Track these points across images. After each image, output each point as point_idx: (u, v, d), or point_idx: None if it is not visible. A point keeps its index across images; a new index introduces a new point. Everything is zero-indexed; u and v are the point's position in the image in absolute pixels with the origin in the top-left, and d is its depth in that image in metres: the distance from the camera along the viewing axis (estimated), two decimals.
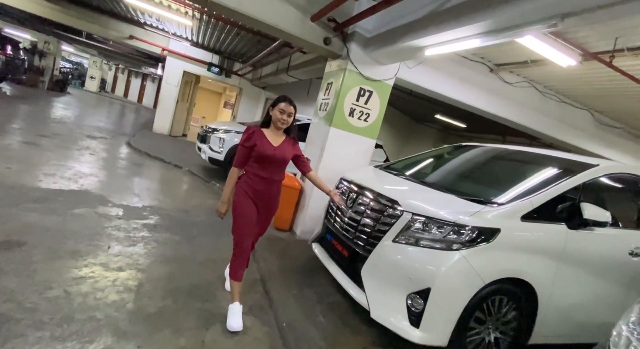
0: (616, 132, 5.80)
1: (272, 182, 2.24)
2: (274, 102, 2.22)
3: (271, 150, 2.16)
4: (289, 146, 2.27)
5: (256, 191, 2.19)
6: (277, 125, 2.21)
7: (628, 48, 3.14)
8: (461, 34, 2.57)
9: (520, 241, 2.29)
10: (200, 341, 2.00)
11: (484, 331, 2.30)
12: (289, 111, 2.19)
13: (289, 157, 2.25)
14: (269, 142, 2.17)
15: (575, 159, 2.82)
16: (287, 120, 2.20)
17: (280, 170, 2.27)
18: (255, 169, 2.19)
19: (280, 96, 2.22)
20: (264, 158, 2.15)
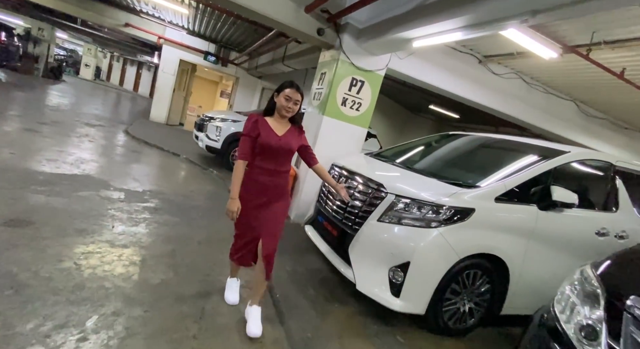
0: (600, 122, 6.01)
1: (277, 174, 2.04)
2: (279, 87, 1.99)
3: (276, 140, 1.95)
4: (295, 135, 2.07)
5: (261, 184, 2.01)
6: (281, 113, 1.98)
7: (605, 41, 3.31)
8: (445, 27, 2.73)
9: (494, 220, 2.50)
10: (200, 308, 2.20)
11: (459, 302, 2.53)
12: (296, 98, 1.96)
13: (295, 148, 2.06)
14: (273, 132, 1.97)
15: (549, 146, 3.02)
16: (293, 108, 1.97)
17: (286, 161, 2.07)
18: (259, 161, 1.99)
19: (285, 81, 2.01)
20: (268, 149, 1.95)
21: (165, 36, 9.93)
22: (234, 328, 2.09)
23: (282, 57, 7.34)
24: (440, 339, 2.48)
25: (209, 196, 4.81)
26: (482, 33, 2.59)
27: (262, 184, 2.01)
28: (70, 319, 1.81)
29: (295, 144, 2.07)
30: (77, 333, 1.74)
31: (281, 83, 2.01)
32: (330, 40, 4.19)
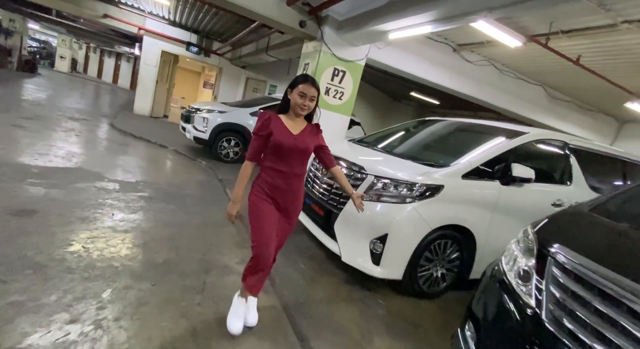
0: (567, 105, 6.44)
1: (293, 177, 1.86)
2: (292, 83, 1.83)
3: (291, 139, 1.79)
4: (311, 134, 1.90)
5: (274, 187, 1.84)
6: (296, 111, 1.81)
7: (562, 31, 3.62)
8: (416, 21, 2.98)
9: (461, 195, 2.82)
10: (202, 282, 2.46)
11: (432, 268, 2.87)
12: (311, 94, 1.78)
13: (311, 148, 1.89)
14: (287, 130, 1.80)
15: (512, 128, 3.35)
16: (309, 105, 1.80)
17: (302, 163, 1.89)
18: (273, 163, 1.82)
19: (299, 75, 1.85)
20: (283, 149, 1.78)
21: (146, 27, 9.81)
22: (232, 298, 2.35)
23: (266, 47, 7.44)
24: (416, 301, 2.82)
25: (200, 185, 5.00)
26: (449, 26, 2.85)
27: (276, 188, 1.84)
28: (87, 293, 2.04)
29: (312, 144, 1.89)
30: (96, 303, 1.97)
31: (294, 78, 1.83)
32: (312, 32, 4.38)
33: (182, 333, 1.89)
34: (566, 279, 1.37)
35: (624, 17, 3.14)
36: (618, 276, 1.22)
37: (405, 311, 2.64)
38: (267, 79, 12.00)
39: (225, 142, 6.65)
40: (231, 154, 6.75)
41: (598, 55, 4.13)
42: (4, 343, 1.57)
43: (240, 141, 6.75)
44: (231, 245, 3.18)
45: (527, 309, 1.44)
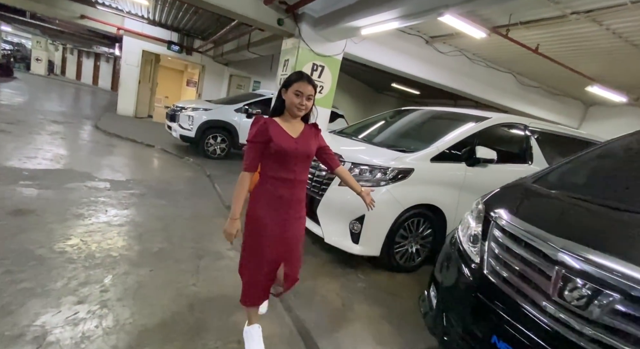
0: (536, 90, 6.80)
1: (297, 184, 1.70)
2: (286, 82, 1.66)
3: (291, 143, 1.63)
4: (312, 135, 1.75)
5: (278, 198, 1.67)
6: (293, 112, 1.65)
7: (521, 22, 3.91)
8: (384, 18, 3.21)
9: (430, 177, 3.09)
10: (196, 266, 2.67)
11: (407, 244, 3.14)
12: (308, 92, 1.62)
13: (314, 151, 1.76)
14: (287, 134, 1.65)
15: (477, 114, 3.63)
16: (306, 104, 1.64)
17: (305, 168, 1.75)
18: (274, 171, 1.65)
19: (293, 73, 1.65)
20: (285, 155, 1.63)
21: (125, 27, 9.76)
22: (225, 277, 2.58)
23: (247, 44, 7.56)
24: (393, 275, 3.10)
25: (189, 181, 5.17)
26: (414, 22, 3.10)
27: (281, 199, 1.67)
28: (90, 279, 2.23)
29: (314, 146, 1.75)
30: (99, 286, 2.17)
31: (288, 76, 1.67)
32: (290, 29, 4.56)
33: (181, 308, 2.11)
34: (503, 237, 1.64)
35: (572, 9, 3.44)
36: (539, 231, 1.50)
37: (383, 283, 2.91)
38: (250, 75, 12.08)
39: (211, 139, 6.79)
40: (218, 151, 6.91)
41: (555, 44, 4.45)
42: (20, 322, 1.76)
43: (227, 137, 6.90)
44: (221, 234, 3.39)
45: (472, 265, 1.71)
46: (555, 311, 1.28)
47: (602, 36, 3.91)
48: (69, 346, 1.66)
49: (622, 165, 2.05)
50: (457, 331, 1.68)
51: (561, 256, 1.34)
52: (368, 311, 2.44)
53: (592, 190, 1.88)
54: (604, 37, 3.92)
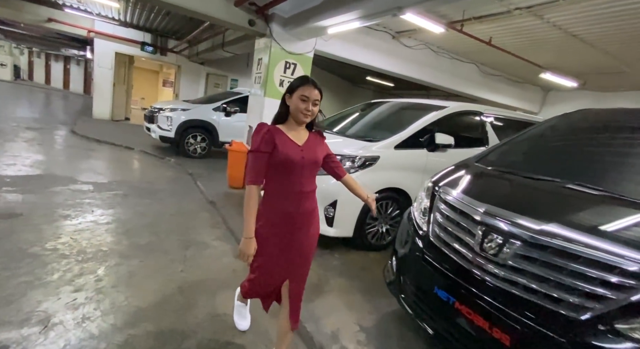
0: (498, 79, 7.25)
1: (304, 196, 1.61)
2: (290, 87, 1.56)
3: (297, 152, 1.53)
4: (317, 143, 1.66)
5: (285, 214, 1.58)
6: (298, 118, 1.55)
7: (474, 17, 4.25)
8: (346, 18, 3.47)
9: (395, 163, 3.40)
10: (183, 255, 2.89)
11: (377, 225, 3.46)
12: (314, 97, 1.53)
13: (320, 159, 1.66)
14: (293, 143, 1.55)
15: (437, 104, 3.96)
16: (312, 110, 1.54)
17: (312, 178, 1.66)
18: (279, 183, 1.57)
19: (297, 78, 1.59)
20: (291, 165, 1.52)
21: (96, 29, 9.63)
22: (211, 264, 2.81)
23: (222, 43, 7.67)
24: (366, 253, 3.40)
25: (172, 180, 5.32)
26: (373, 21, 3.38)
27: (288, 214, 1.58)
28: (83, 271, 2.42)
29: (321, 154, 1.66)
30: (93, 277, 2.36)
31: (293, 81, 1.59)
32: (262, 29, 4.75)
33: (171, 291, 2.34)
34: (444, 207, 1.95)
35: (515, 5, 3.80)
36: (469, 199, 1.81)
37: (356, 261, 3.21)
38: (227, 74, 12.12)
39: (191, 138, 6.91)
40: (199, 150, 7.03)
41: (506, 36, 4.84)
42: (24, 309, 1.95)
43: (207, 136, 7.03)
44: (206, 227, 3.61)
45: (421, 232, 2.02)
46: (478, 260, 1.59)
47: (545, 28, 4.31)
48: (72, 326, 1.87)
49: (546, 143, 2.41)
50: (411, 288, 1.99)
51: (482, 216, 1.65)
52: (342, 284, 2.73)
53: (518, 164, 2.23)
54: (546, 29, 4.31)
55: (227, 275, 2.69)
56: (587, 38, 4.40)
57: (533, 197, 1.78)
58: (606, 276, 1.25)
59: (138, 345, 1.81)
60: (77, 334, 1.81)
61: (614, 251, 1.26)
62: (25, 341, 1.71)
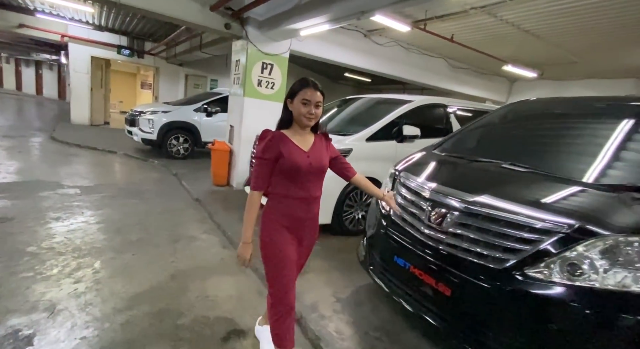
0: (465, 72, 7.67)
1: (312, 201, 1.62)
2: (292, 90, 1.55)
3: (304, 158, 1.53)
4: (323, 146, 1.65)
5: (293, 218, 1.58)
6: (302, 122, 1.53)
7: (436, 16, 4.58)
8: (316, 22, 3.73)
9: (367, 154, 3.70)
10: (173, 248, 3.10)
11: (354, 212, 3.75)
12: (317, 100, 1.52)
13: (327, 164, 1.65)
14: (299, 149, 1.54)
15: (404, 98, 4.28)
16: (316, 113, 1.53)
17: (319, 183, 1.65)
18: (287, 189, 1.55)
19: (299, 80, 1.55)
20: (297, 171, 1.52)
21: (69, 34, 9.52)
22: (200, 254, 3.04)
23: (199, 45, 7.78)
24: (345, 238, 3.70)
25: (157, 181, 5.47)
26: (341, 24, 3.64)
27: (298, 220, 1.59)
28: (81, 265, 2.62)
29: (327, 158, 1.65)
30: (90, 270, 2.56)
31: (293, 84, 1.57)
32: (238, 32, 4.95)
33: (164, 278, 2.57)
34: (402, 188, 2.26)
35: (470, 5, 4.15)
36: (422, 180, 2.12)
37: (335, 245, 3.50)
38: (207, 74, 12.17)
39: (174, 140, 7.04)
40: (182, 151, 7.16)
41: (467, 33, 5.20)
42: (30, 299, 2.14)
43: (189, 137, 7.17)
44: (194, 222, 3.83)
45: (384, 211, 2.32)
46: (426, 231, 1.90)
47: (499, 25, 4.68)
48: (76, 310, 2.08)
49: (490, 130, 2.75)
50: (377, 260, 2.29)
51: (430, 194, 1.96)
52: (321, 265, 3.02)
53: (466, 150, 2.56)
54: (501, 26, 4.69)
55: (216, 263, 2.93)
56: (538, 33, 4.81)
57: (473, 176, 2.10)
58: (520, 234, 1.57)
59: (138, 323, 2.04)
60: (82, 317, 2.03)
61: (526, 213, 1.59)
62: (36, 325, 1.92)
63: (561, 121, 2.41)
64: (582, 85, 7.19)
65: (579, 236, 1.45)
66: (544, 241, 1.50)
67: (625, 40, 4.78)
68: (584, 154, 2.03)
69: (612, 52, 5.36)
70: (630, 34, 4.50)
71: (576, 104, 2.51)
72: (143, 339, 1.91)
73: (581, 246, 1.43)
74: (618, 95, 2.96)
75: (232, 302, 2.37)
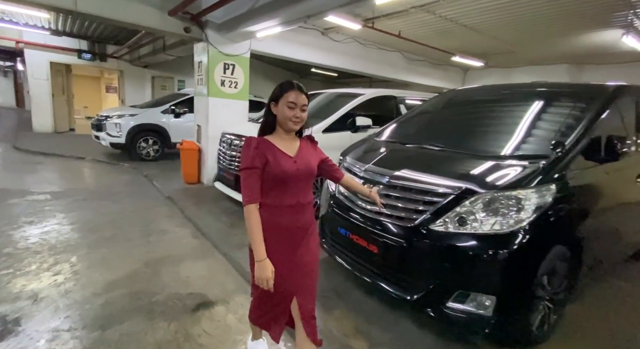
0: (421, 63, 8.18)
1: (301, 209, 1.53)
2: (275, 94, 1.49)
3: (291, 164, 1.47)
4: (310, 150, 1.60)
5: (284, 228, 1.50)
6: (287, 127, 1.48)
7: (382, 15, 4.98)
8: (269, 24, 4.02)
9: (324, 145, 3.93)
10: (146, 241, 3.34)
11: (316, 198, 4.10)
12: (302, 102, 1.47)
13: (315, 168, 1.58)
14: (284, 154, 1.48)
15: (357, 92, 4.66)
16: (301, 116, 1.48)
17: (308, 188, 1.58)
18: (273, 198, 1.47)
19: (282, 82, 1.50)
20: (284, 178, 1.46)
21: (25, 40, 9.26)
22: (172, 245, 3.30)
23: (163, 47, 7.84)
24: None
25: (127, 183, 5.60)
26: (292, 26, 3.95)
27: (286, 229, 1.50)
28: (58, 260, 2.82)
29: (314, 163, 1.58)
30: (68, 264, 2.78)
31: (276, 87, 1.51)
32: (198, 35, 5.14)
33: (138, 266, 2.82)
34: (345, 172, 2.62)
35: (411, 4, 4.57)
36: (359, 162, 2.49)
37: None
38: (174, 75, 12.12)
39: (143, 142, 7.12)
40: (152, 153, 7.26)
41: (413, 29, 5.65)
42: (13, 290, 2.35)
43: (158, 139, 7.26)
44: (166, 218, 4.06)
45: (331, 192, 2.68)
46: (359, 203, 2.28)
47: (440, 21, 5.15)
48: (58, 297, 2.32)
49: (421, 117, 3.17)
50: (327, 234, 2.65)
51: (362, 172, 2.34)
52: None
53: (400, 135, 2.96)
54: (441, 22, 5.16)
55: (188, 251, 3.20)
56: (475, 27, 5.32)
57: (399, 156, 2.50)
58: (425, 198, 1.97)
59: (116, 303, 2.30)
60: (64, 302, 2.27)
61: (431, 181, 1.99)
62: (21, 311, 2.15)
63: (474, 107, 2.86)
64: (524, 71, 7.88)
65: (466, 195, 1.86)
66: (443, 201, 1.91)
67: (553, 31, 5.37)
68: (484, 132, 2.47)
69: (543, 42, 5.97)
70: (556, 25, 5.08)
71: (488, 91, 2.96)
72: (121, 315, 2.18)
73: (468, 202, 1.84)
74: (535, 81, 3.44)
75: (203, 281, 2.67)
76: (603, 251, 2.39)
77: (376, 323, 2.18)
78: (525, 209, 1.76)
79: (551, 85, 2.89)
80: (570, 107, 2.40)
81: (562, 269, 1.99)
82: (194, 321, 2.17)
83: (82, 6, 4.05)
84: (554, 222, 1.83)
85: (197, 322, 2.16)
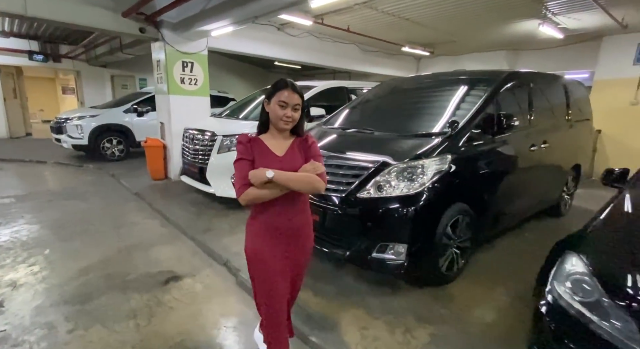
0: (376, 54, 8.65)
1: (293, 209, 1.54)
2: (269, 92, 1.50)
3: (274, 163, 1.47)
4: (300, 150, 1.57)
5: (274, 229, 1.52)
6: (279, 126, 1.49)
7: (331, 11, 5.34)
8: (221, 24, 4.27)
9: None
10: (117, 233, 3.57)
11: None
12: (294, 102, 1.47)
13: (298, 168, 1.51)
14: (272, 153, 1.50)
15: (311, 84, 5.02)
16: (293, 116, 1.48)
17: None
18: None
19: (275, 82, 1.50)
20: None
21: None
22: (142, 234, 3.56)
23: (119, 46, 7.79)
24: None
25: (94, 183, 5.69)
26: (243, 26, 4.23)
27: (277, 230, 1.52)
28: (32, 254, 3.03)
29: (300, 163, 1.53)
30: (42, 257, 2.99)
31: (270, 86, 1.52)
32: (154, 35, 5.27)
33: (111, 253, 3.08)
34: None
35: (354, 1, 4.97)
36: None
37: None
38: (134, 74, 11.89)
39: (107, 143, 7.14)
40: (117, 153, 7.29)
41: (360, 24, 6.06)
42: None
43: (122, 138, 7.30)
44: (134, 211, 4.28)
45: None
46: None
47: (383, 16, 5.59)
48: (36, 283, 2.56)
49: (360, 106, 3.59)
50: None
51: None
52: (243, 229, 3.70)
53: (342, 122, 3.36)
54: (384, 16, 5.60)
55: (157, 238, 3.48)
56: (416, 20, 5.80)
57: (338, 140, 2.90)
58: (354, 172, 2.39)
59: (93, 283, 2.58)
60: (42, 286, 2.52)
61: (358, 158, 2.41)
62: (2, 296, 2.38)
63: (402, 95, 3.31)
64: (470, 58, 8.56)
65: (383, 167, 2.29)
66: (366, 173, 2.33)
67: (482, 22, 5.97)
68: (406, 116, 2.93)
69: (478, 32, 6.59)
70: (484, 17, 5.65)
71: (415, 81, 3.43)
72: (98, 292, 2.47)
73: (385, 172, 2.28)
74: (467, 69, 3.93)
75: (172, 261, 2.98)
76: (505, 208, 2.93)
77: (322, 279, 2.60)
78: (426, 174, 2.22)
79: (469, 73, 3.39)
80: (474, 91, 2.90)
81: (465, 222, 2.48)
82: (164, 291, 2.50)
83: (32, 10, 4.10)
84: (451, 183, 2.31)
85: (167, 292, 2.49)
